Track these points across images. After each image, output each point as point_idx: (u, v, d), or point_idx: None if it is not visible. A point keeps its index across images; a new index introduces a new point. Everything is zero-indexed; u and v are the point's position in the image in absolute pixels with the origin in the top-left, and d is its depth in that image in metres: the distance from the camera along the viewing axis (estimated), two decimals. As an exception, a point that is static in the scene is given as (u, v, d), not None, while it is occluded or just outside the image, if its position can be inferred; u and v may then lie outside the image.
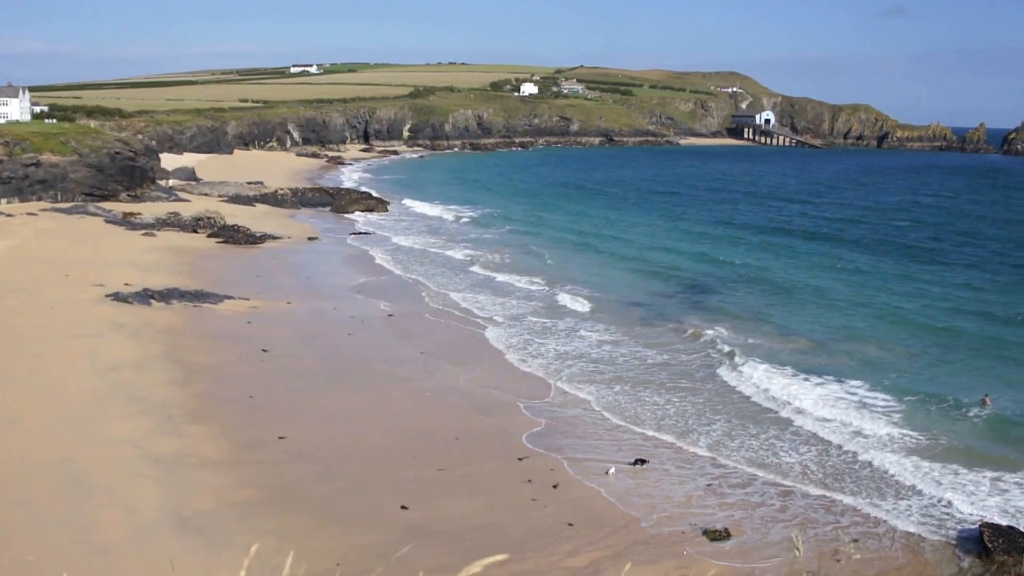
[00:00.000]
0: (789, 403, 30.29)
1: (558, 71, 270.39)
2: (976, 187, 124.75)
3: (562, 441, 26.53)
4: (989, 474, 24.78)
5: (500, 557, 4.94)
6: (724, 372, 33.58)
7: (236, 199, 77.44)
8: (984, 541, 20.23)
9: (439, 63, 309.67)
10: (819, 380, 32.65)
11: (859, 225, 78.79)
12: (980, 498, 23.34)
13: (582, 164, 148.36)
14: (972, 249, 64.86)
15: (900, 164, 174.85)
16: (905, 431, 27.84)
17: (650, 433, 27.39)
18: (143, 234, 56.52)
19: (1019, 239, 70.57)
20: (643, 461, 24.97)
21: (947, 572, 19.07)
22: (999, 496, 23.52)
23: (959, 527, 21.63)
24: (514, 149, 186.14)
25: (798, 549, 5.88)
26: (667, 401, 30.28)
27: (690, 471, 24.73)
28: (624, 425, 28.04)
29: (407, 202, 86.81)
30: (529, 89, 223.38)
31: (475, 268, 53.45)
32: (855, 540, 20.03)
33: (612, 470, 24.36)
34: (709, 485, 23.78)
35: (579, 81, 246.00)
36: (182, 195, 76.93)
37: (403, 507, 21.42)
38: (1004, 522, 21.50)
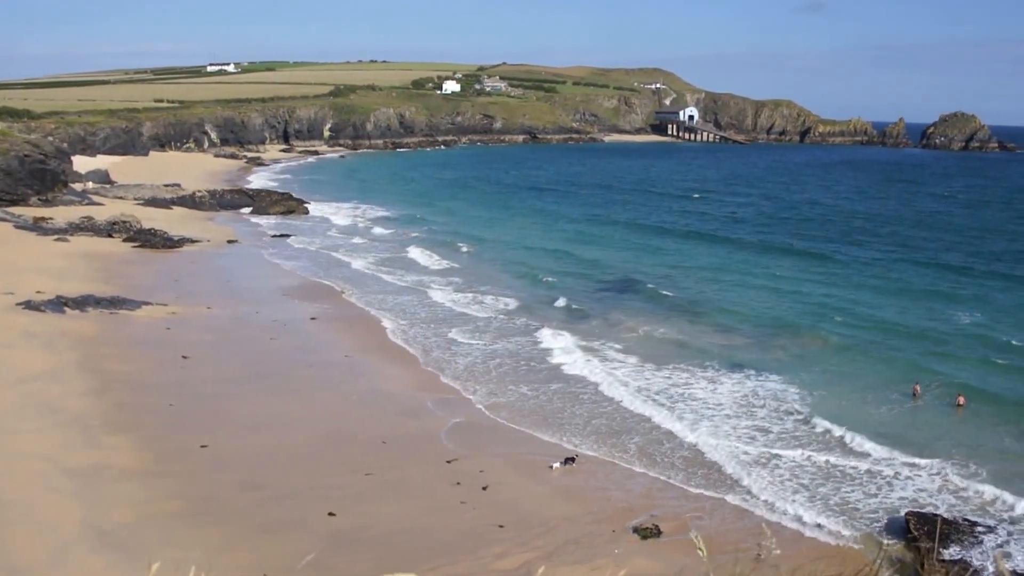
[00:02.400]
0: (697, 402, 30.56)
1: (480, 68, 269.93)
2: (885, 182, 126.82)
3: (489, 442, 26.47)
4: (920, 461, 25.25)
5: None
6: (615, 374, 33.25)
7: (153, 202, 75.73)
8: (909, 529, 20.66)
9: (359, 61, 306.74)
10: (736, 377, 32.88)
11: (756, 224, 77.38)
12: (910, 486, 23.79)
13: (501, 164, 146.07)
14: (866, 248, 63.96)
15: (818, 159, 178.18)
16: (830, 423, 28.18)
17: (575, 436, 27.46)
18: (55, 239, 54.82)
19: (922, 237, 70.21)
20: (572, 460, 25.06)
21: (871, 560, 19.45)
22: (929, 483, 23.99)
23: (885, 516, 22.05)
24: (438, 148, 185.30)
25: (701, 549, 5.90)
26: (589, 404, 30.17)
27: (618, 471, 24.87)
28: (547, 426, 28.10)
29: (326, 203, 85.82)
30: (451, 87, 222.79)
31: (386, 271, 52.66)
32: (771, 536, 20.28)
33: (556, 465, 24.57)
34: (639, 485, 23.94)
35: (502, 78, 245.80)
36: (96, 199, 74.89)
37: (331, 514, 21.12)
38: (929, 510, 21.93)
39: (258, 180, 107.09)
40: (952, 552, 19.73)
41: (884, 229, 75.27)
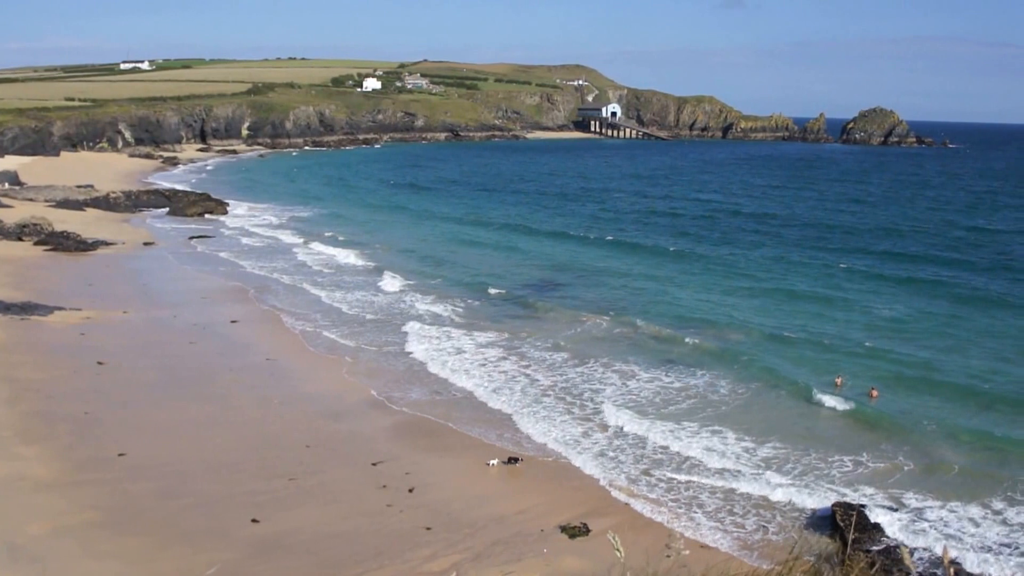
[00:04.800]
0: (615, 399, 30.95)
1: (402, 65, 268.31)
2: (792, 178, 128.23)
3: (413, 443, 26.35)
4: (844, 454, 25.81)
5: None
6: (527, 372, 33.71)
7: (65, 204, 73.62)
8: (836, 520, 21.15)
9: (278, 59, 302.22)
10: (652, 373, 33.23)
11: (646, 225, 75.98)
12: (837, 478, 24.24)
13: (414, 163, 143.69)
14: (753, 248, 63.02)
15: (736, 155, 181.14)
16: (751, 418, 28.69)
17: (504, 433, 27.57)
18: (-39, 243, 53.02)
19: (819, 237, 69.26)
20: (516, 459, 25.07)
21: (798, 552, 19.84)
22: (855, 474, 24.50)
23: (812, 508, 22.49)
24: (359, 147, 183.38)
25: (619, 550, 6.02)
26: (476, 408, 29.94)
27: (548, 469, 24.99)
28: (482, 425, 28.14)
29: (243, 203, 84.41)
30: (372, 84, 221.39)
31: (304, 275, 51.24)
32: (680, 537, 20.56)
33: (494, 463, 24.64)
34: (571, 484, 24.03)
35: (423, 75, 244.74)
36: (4, 201, 72.44)
37: (254, 520, 20.82)
38: (855, 501, 22.39)
39: (175, 180, 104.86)
40: (878, 542, 20.28)
41: (780, 230, 74.05)
